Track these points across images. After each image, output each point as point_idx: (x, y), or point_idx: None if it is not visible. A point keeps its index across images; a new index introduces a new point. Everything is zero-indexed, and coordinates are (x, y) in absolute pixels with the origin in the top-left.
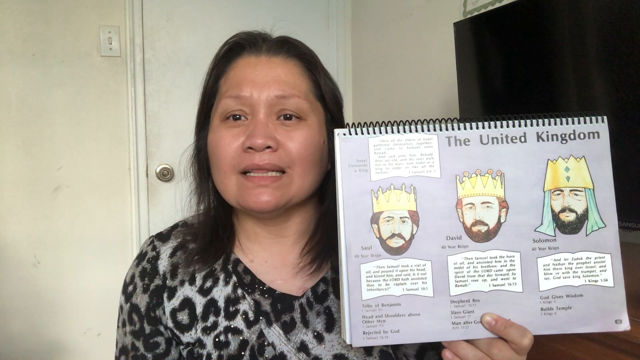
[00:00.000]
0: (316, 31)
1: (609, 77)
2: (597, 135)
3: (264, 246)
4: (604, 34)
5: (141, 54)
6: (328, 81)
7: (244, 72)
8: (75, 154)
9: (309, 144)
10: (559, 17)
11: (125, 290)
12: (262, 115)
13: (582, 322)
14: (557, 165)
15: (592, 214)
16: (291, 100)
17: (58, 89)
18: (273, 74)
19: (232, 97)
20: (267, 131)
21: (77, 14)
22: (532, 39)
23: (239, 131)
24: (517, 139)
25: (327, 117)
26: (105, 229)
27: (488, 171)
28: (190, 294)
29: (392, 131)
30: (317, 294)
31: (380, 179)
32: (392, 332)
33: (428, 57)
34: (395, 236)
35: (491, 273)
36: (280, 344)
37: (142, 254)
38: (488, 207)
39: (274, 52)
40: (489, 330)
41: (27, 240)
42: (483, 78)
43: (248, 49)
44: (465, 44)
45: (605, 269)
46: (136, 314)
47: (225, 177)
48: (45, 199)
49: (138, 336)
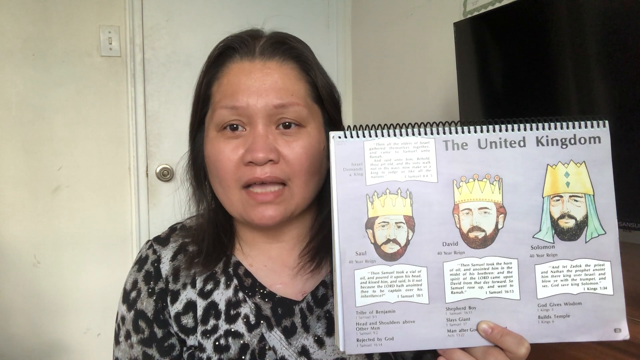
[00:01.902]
0: (316, 31)
1: (609, 76)
2: (598, 140)
3: (262, 251)
4: (604, 34)
5: (141, 54)
6: (325, 80)
7: (238, 79)
8: (75, 154)
9: (309, 154)
10: (559, 17)
11: (127, 298)
12: (261, 127)
13: (580, 331)
14: (557, 171)
15: (592, 221)
16: (290, 109)
17: (58, 89)
18: (269, 81)
19: (228, 107)
20: (267, 144)
21: (77, 14)
22: (532, 39)
23: (238, 143)
24: (516, 144)
25: (325, 118)
26: (105, 229)
27: (486, 176)
28: (193, 297)
29: (389, 134)
30: (317, 298)
31: (375, 183)
32: (387, 339)
33: (428, 57)
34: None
35: (488, 280)
36: (281, 348)
37: (142, 258)
38: (485, 213)
39: (268, 56)
40: (485, 338)
41: (27, 240)
42: (483, 78)
43: (240, 52)
44: (465, 44)
45: (604, 277)
46: (143, 320)
47: (228, 191)
48: (45, 199)
49: (149, 343)
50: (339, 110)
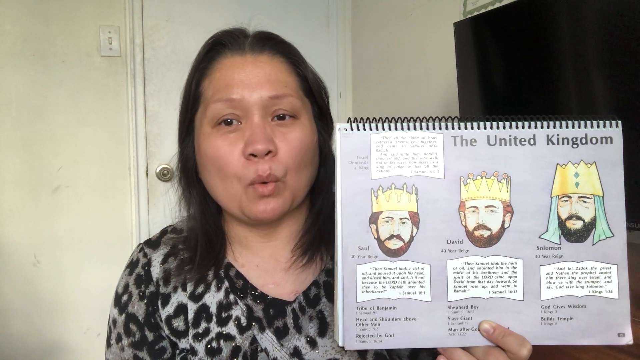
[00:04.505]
0: (316, 31)
1: (609, 76)
2: (610, 140)
3: (255, 250)
4: (604, 34)
5: (141, 54)
6: (313, 75)
7: (231, 73)
8: (75, 154)
9: (303, 146)
10: (559, 17)
11: (118, 302)
12: (258, 118)
13: (583, 334)
14: (567, 171)
15: (600, 223)
16: (285, 100)
17: (58, 89)
18: (263, 74)
19: (222, 100)
20: (266, 135)
21: (77, 14)
22: (532, 39)
23: (236, 137)
24: (526, 142)
25: (315, 111)
26: (105, 229)
27: (494, 174)
28: (184, 300)
29: (396, 128)
30: (309, 298)
31: (381, 178)
32: (387, 336)
33: (428, 57)
34: (394, 237)
35: (492, 279)
36: (273, 349)
37: (133, 262)
38: (492, 211)
39: (258, 50)
40: (487, 338)
41: (27, 240)
42: (483, 78)
43: (230, 48)
44: (465, 44)
45: (610, 280)
46: (134, 323)
47: (230, 187)
48: (45, 199)
49: (140, 346)
50: (328, 104)
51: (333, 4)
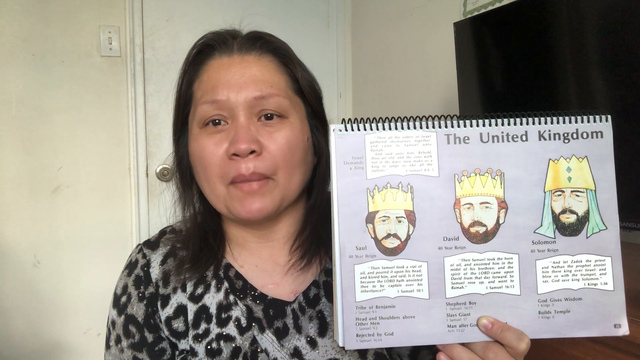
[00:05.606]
0: (316, 31)
1: (609, 76)
2: (601, 134)
3: (253, 251)
4: (604, 34)
5: (141, 54)
6: (305, 74)
7: (218, 74)
8: (75, 154)
9: (292, 144)
10: (558, 17)
11: (117, 303)
12: (243, 118)
13: (580, 326)
14: (559, 166)
15: (593, 216)
16: (270, 100)
17: (58, 89)
18: (248, 74)
19: (209, 102)
20: (249, 135)
21: (77, 14)
22: (532, 38)
23: (221, 137)
24: (518, 138)
25: (308, 111)
26: (105, 229)
27: (488, 170)
28: (184, 301)
29: (390, 128)
30: (308, 298)
31: (376, 177)
32: (386, 334)
33: (428, 57)
34: (391, 236)
35: (488, 275)
36: (273, 350)
37: (132, 263)
38: (487, 208)
39: (246, 50)
40: (485, 333)
41: (27, 240)
42: (483, 78)
43: (219, 49)
44: (465, 44)
45: (605, 272)
46: (133, 325)
47: (214, 187)
48: (45, 199)
49: (140, 348)
50: (321, 103)
51: (333, 4)
